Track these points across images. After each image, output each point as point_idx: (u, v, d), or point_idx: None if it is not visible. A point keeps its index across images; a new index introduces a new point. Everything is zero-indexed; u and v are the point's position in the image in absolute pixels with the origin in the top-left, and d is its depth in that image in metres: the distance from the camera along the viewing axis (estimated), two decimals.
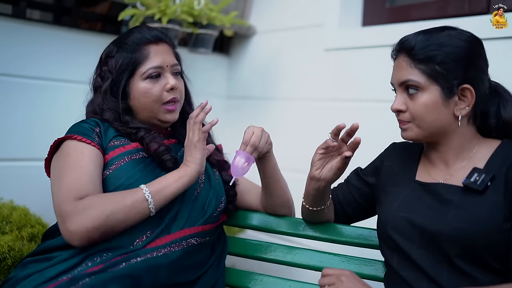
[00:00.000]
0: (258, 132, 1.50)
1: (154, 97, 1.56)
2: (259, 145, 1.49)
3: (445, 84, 1.26)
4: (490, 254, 1.18)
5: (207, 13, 2.41)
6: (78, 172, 1.40)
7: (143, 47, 1.58)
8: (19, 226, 1.78)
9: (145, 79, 1.56)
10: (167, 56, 1.60)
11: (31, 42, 2.19)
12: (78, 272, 1.30)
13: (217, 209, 1.61)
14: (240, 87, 2.98)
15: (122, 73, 1.56)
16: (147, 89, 1.56)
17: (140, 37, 1.59)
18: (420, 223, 1.27)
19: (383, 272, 1.48)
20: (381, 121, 2.13)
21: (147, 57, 1.57)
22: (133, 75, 1.57)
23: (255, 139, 1.48)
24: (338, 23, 2.42)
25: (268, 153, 1.58)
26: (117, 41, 1.63)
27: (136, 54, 1.56)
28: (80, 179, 1.39)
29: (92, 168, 1.42)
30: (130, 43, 1.58)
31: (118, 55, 1.58)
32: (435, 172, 1.36)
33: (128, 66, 1.56)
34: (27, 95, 2.18)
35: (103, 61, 1.62)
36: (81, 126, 1.52)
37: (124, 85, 1.57)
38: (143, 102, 1.57)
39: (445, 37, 1.27)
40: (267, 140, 1.54)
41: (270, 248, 1.69)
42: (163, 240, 1.45)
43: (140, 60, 1.56)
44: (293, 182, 1.75)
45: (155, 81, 1.57)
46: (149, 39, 1.59)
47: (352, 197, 1.56)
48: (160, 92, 1.57)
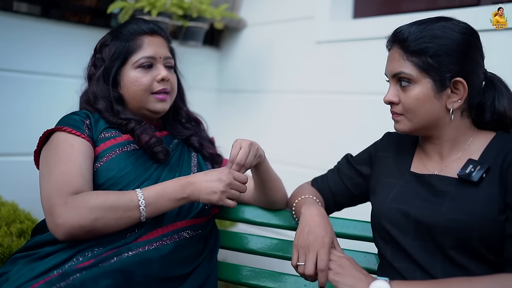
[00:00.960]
0: (246, 148, 1.45)
1: (143, 85, 1.55)
2: (246, 162, 1.45)
3: (437, 77, 1.25)
4: (484, 246, 1.18)
5: (197, 6, 2.39)
6: (67, 166, 1.38)
7: (137, 37, 1.58)
8: (7, 222, 1.76)
9: (136, 68, 1.56)
10: (161, 48, 1.60)
11: (18, 35, 2.16)
12: (69, 267, 1.29)
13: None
14: (231, 80, 2.97)
15: (114, 61, 1.56)
16: (137, 78, 1.55)
17: (136, 27, 1.59)
18: (414, 214, 1.27)
19: (376, 264, 1.48)
20: (374, 113, 2.14)
21: (140, 46, 1.57)
22: (125, 63, 1.57)
23: (241, 156, 1.44)
24: (329, 15, 2.41)
25: (259, 163, 1.55)
26: (113, 31, 1.63)
27: (129, 43, 1.57)
28: (69, 173, 1.37)
29: (82, 161, 1.41)
30: (126, 32, 1.59)
31: (112, 43, 1.58)
32: (430, 163, 1.36)
33: (120, 54, 1.56)
34: (15, 89, 2.15)
35: (97, 50, 1.62)
36: (71, 118, 1.50)
37: (116, 73, 1.56)
38: (132, 90, 1.56)
39: (439, 29, 1.25)
40: (256, 154, 1.49)
41: (262, 241, 1.68)
42: (155, 233, 1.44)
43: (133, 49, 1.56)
44: (285, 176, 1.74)
45: (147, 71, 1.56)
46: (145, 30, 1.59)
47: (344, 186, 1.56)
48: (150, 82, 1.56)
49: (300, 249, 1.32)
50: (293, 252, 1.34)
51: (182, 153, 1.65)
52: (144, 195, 1.38)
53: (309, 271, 1.27)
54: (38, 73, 2.23)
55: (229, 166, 1.44)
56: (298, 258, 1.32)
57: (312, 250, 1.29)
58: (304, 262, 1.29)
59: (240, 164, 1.44)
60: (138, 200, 1.37)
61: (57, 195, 1.33)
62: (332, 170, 1.62)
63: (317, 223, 1.35)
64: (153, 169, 1.52)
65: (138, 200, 1.37)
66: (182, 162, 1.62)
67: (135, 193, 1.38)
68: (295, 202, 1.53)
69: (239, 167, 1.44)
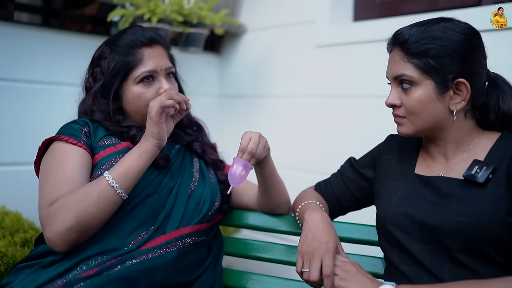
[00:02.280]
0: (256, 138, 1.45)
1: (147, 101, 1.53)
2: (257, 151, 1.44)
3: (439, 78, 1.24)
4: (492, 247, 1.17)
5: (197, 12, 2.39)
6: (59, 176, 1.38)
7: (136, 50, 1.55)
8: (11, 231, 1.76)
9: (138, 83, 1.54)
10: (161, 59, 1.58)
11: (20, 45, 2.16)
12: (73, 277, 1.29)
13: (212, 208, 1.59)
14: (232, 86, 2.96)
15: (114, 76, 1.54)
16: (140, 94, 1.54)
17: (133, 39, 1.56)
18: (420, 217, 1.26)
19: (383, 268, 1.47)
20: (375, 117, 2.13)
21: (140, 61, 1.54)
22: (126, 78, 1.55)
23: (253, 145, 1.43)
24: (329, 19, 2.40)
25: (266, 158, 1.54)
26: (110, 41, 1.60)
27: (129, 58, 1.54)
28: (59, 184, 1.37)
29: (74, 170, 1.40)
30: (123, 45, 1.55)
31: (111, 57, 1.55)
32: (434, 165, 1.35)
33: (121, 70, 1.54)
34: (17, 98, 2.15)
35: (95, 62, 1.60)
36: (69, 126, 1.50)
37: (117, 88, 1.55)
38: (136, 105, 1.55)
39: (440, 30, 1.25)
40: (265, 146, 1.49)
41: (267, 247, 1.68)
42: (158, 240, 1.43)
43: (133, 64, 1.54)
44: (288, 180, 1.74)
45: (149, 85, 1.55)
46: (143, 42, 1.56)
47: (348, 190, 1.55)
48: (154, 96, 1.54)
49: (305, 255, 1.31)
50: (297, 258, 1.33)
51: (184, 159, 1.64)
52: (109, 171, 1.38)
53: (314, 277, 1.26)
54: (41, 82, 2.23)
55: (240, 155, 1.43)
56: (302, 265, 1.31)
57: (317, 256, 1.28)
58: (309, 269, 1.28)
59: (252, 152, 1.43)
60: (104, 177, 1.36)
61: (42, 208, 1.35)
62: (335, 174, 1.61)
63: (321, 228, 1.34)
64: (154, 176, 1.52)
65: (105, 177, 1.36)
66: (184, 168, 1.61)
67: (102, 175, 1.38)
68: (298, 208, 1.53)
69: (250, 156, 1.43)
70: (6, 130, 2.13)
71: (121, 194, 1.37)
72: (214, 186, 1.64)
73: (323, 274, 1.25)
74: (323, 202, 1.55)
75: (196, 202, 1.56)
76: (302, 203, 1.52)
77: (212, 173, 1.68)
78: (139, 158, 1.39)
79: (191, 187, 1.57)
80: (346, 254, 1.34)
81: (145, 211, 1.45)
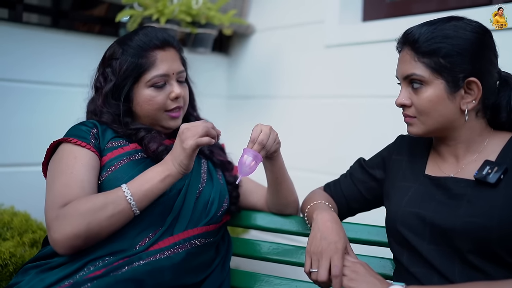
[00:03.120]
0: (267, 130, 1.44)
1: (157, 105, 1.53)
2: (267, 143, 1.43)
3: (450, 78, 1.22)
4: (504, 248, 1.15)
5: (205, 12, 2.39)
6: (68, 178, 1.38)
7: (149, 53, 1.53)
8: (20, 232, 1.77)
9: (149, 87, 1.53)
10: (173, 63, 1.56)
11: (29, 46, 2.17)
12: (80, 277, 1.28)
13: (221, 209, 1.58)
14: (240, 87, 2.96)
15: (126, 78, 1.52)
16: (152, 97, 1.53)
17: (146, 40, 1.53)
18: (430, 218, 1.24)
19: (392, 269, 1.46)
20: (387, 117, 2.11)
21: (153, 64, 1.52)
22: (137, 81, 1.53)
23: (263, 137, 1.42)
24: (338, 19, 2.39)
25: (276, 153, 1.53)
26: (122, 41, 1.57)
27: (142, 60, 1.52)
28: (69, 185, 1.36)
29: (83, 173, 1.40)
30: (136, 46, 1.53)
31: (123, 58, 1.53)
32: (445, 166, 1.33)
33: (133, 72, 1.52)
34: (26, 99, 2.16)
35: (106, 61, 1.58)
36: (78, 128, 1.50)
37: (128, 90, 1.54)
38: (146, 109, 1.54)
39: (451, 28, 1.23)
40: (275, 139, 1.48)
41: (276, 248, 1.67)
42: (166, 242, 1.43)
43: (146, 67, 1.52)
44: (297, 181, 1.73)
45: (160, 89, 1.54)
46: (156, 44, 1.54)
47: (357, 191, 1.53)
48: (164, 100, 1.54)
49: (313, 255, 1.30)
50: (306, 258, 1.32)
51: None
52: (128, 186, 1.36)
53: (322, 277, 1.25)
54: (49, 83, 2.24)
55: (250, 146, 1.42)
56: (311, 265, 1.30)
57: (325, 256, 1.27)
58: (317, 269, 1.27)
59: (262, 143, 1.41)
60: (123, 191, 1.35)
61: (51, 209, 1.34)
62: (345, 174, 1.60)
63: (330, 228, 1.33)
64: None
65: (123, 192, 1.35)
66: (192, 169, 1.60)
67: (120, 187, 1.36)
68: (307, 208, 1.52)
69: (261, 147, 1.42)
70: (15, 131, 2.14)
71: (135, 212, 1.37)
72: (222, 187, 1.63)
73: (332, 274, 1.24)
74: (332, 202, 1.54)
75: (204, 204, 1.55)
76: (311, 204, 1.51)
77: (220, 174, 1.67)
78: (162, 181, 1.38)
79: (199, 189, 1.56)
80: (355, 254, 1.33)
81: (153, 213, 1.45)
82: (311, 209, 1.49)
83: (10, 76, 2.13)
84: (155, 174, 1.38)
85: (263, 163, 1.57)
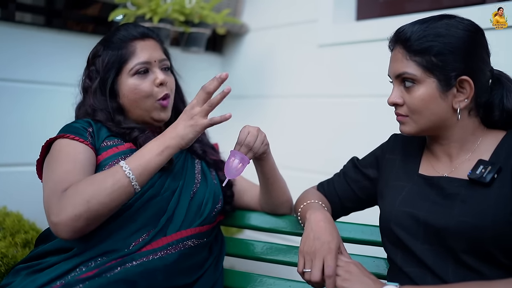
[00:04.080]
0: (254, 132, 1.44)
1: (144, 92, 1.53)
2: (255, 145, 1.43)
3: (442, 76, 1.22)
4: (498, 248, 1.15)
5: (198, 11, 2.38)
6: (70, 165, 1.36)
7: (129, 43, 1.55)
8: (12, 232, 1.75)
9: (133, 75, 1.54)
10: (154, 51, 1.58)
11: (21, 45, 2.16)
12: (72, 278, 1.27)
13: (214, 210, 1.58)
14: (234, 86, 2.93)
15: (109, 71, 1.54)
16: (136, 85, 1.53)
17: (126, 34, 1.57)
18: (424, 218, 1.24)
19: (386, 269, 1.46)
20: (378, 116, 2.11)
21: (133, 53, 1.54)
22: (120, 72, 1.54)
23: (250, 139, 1.42)
24: (332, 18, 2.39)
25: (265, 154, 1.53)
26: (104, 40, 1.61)
27: (122, 51, 1.54)
28: (70, 172, 1.34)
29: (87, 164, 1.39)
30: (116, 40, 1.56)
31: (105, 53, 1.55)
32: (438, 165, 1.33)
33: (114, 64, 1.54)
34: (19, 99, 2.15)
35: (90, 62, 1.60)
36: (72, 126, 1.49)
37: (112, 83, 1.54)
38: (133, 98, 1.54)
39: (443, 27, 1.23)
40: (263, 141, 1.48)
41: (270, 248, 1.66)
42: (159, 242, 1.42)
43: (126, 57, 1.54)
44: (291, 180, 1.73)
45: (144, 76, 1.54)
46: (135, 36, 1.57)
47: (351, 190, 1.53)
48: (150, 87, 1.54)
49: (306, 255, 1.30)
50: (299, 258, 1.32)
51: (185, 160, 1.63)
52: (127, 162, 1.33)
53: (315, 277, 1.25)
54: (42, 82, 2.23)
55: (237, 148, 1.42)
56: (304, 265, 1.29)
57: (319, 256, 1.26)
58: (311, 269, 1.27)
59: (249, 146, 1.42)
60: (121, 167, 1.32)
61: (53, 195, 1.30)
62: (338, 174, 1.60)
63: (323, 228, 1.32)
64: (156, 177, 1.50)
65: (121, 167, 1.32)
66: (186, 169, 1.60)
67: (119, 164, 1.34)
68: (300, 208, 1.51)
69: (248, 149, 1.42)
70: (7, 130, 2.12)
71: (135, 187, 1.32)
72: (216, 187, 1.62)
73: (325, 274, 1.24)
74: (325, 202, 1.53)
75: (199, 204, 1.54)
76: (304, 203, 1.50)
77: (214, 174, 1.67)
78: (160, 153, 1.34)
79: (194, 189, 1.56)
80: (348, 254, 1.32)
81: (147, 213, 1.44)
82: (304, 208, 1.49)
83: (3, 75, 2.12)
84: (153, 147, 1.35)
85: (254, 164, 1.57)
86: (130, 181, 1.31)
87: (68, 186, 1.31)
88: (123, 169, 1.31)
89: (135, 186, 1.32)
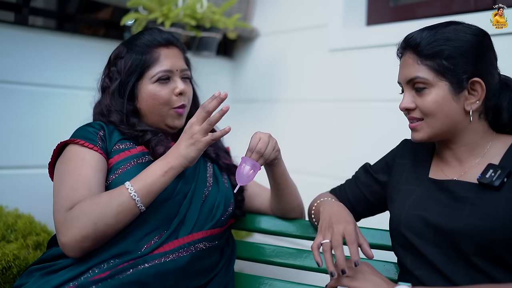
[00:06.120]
0: (265, 138, 1.44)
1: (162, 100, 1.54)
2: (266, 152, 1.44)
3: (454, 79, 1.24)
4: (508, 251, 1.15)
5: (210, 16, 2.40)
6: (75, 180, 1.38)
7: (153, 49, 1.56)
8: (24, 234, 1.77)
9: (154, 82, 1.55)
10: (177, 60, 1.59)
11: (34, 49, 2.18)
12: (85, 279, 1.28)
13: (226, 213, 1.59)
14: (244, 90, 2.96)
15: (130, 75, 1.55)
16: (156, 92, 1.54)
17: (151, 39, 1.57)
18: (434, 221, 1.25)
19: (396, 273, 1.46)
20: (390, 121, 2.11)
21: (157, 60, 1.55)
22: (142, 77, 1.55)
23: (261, 145, 1.42)
24: (342, 23, 2.40)
25: (276, 160, 1.53)
26: (128, 42, 1.62)
27: (146, 56, 1.55)
28: (75, 188, 1.37)
29: (91, 175, 1.40)
30: (141, 44, 1.57)
31: (128, 56, 1.56)
32: (448, 169, 1.33)
33: (137, 68, 1.55)
34: (32, 102, 2.17)
35: (112, 62, 1.61)
36: (85, 130, 1.50)
37: (132, 87, 1.55)
38: (151, 104, 1.55)
39: (451, 32, 1.25)
40: (274, 147, 1.48)
41: (279, 251, 1.67)
42: (171, 245, 1.43)
43: (150, 63, 1.55)
44: (301, 185, 1.73)
45: (164, 84, 1.55)
46: (160, 42, 1.57)
47: (362, 194, 1.54)
48: (169, 95, 1.55)
49: (325, 230, 1.28)
50: (317, 235, 1.29)
51: (197, 163, 1.63)
52: (131, 182, 1.36)
53: (336, 242, 1.22)
54: (54, 86, 2.25)
55: (248, 154, 1.43)
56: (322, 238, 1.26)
57: (339, 225, 1.25)
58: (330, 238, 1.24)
59: (260, 152, 1.42)
60: (127, 189, 1.34)
61: (59, 212, 1.34)
62: (350, 179, 1.61)
63: (340, 212, 1.33)
64: None
65: (127, 189, 1.34)
66: (198, 173, 1.61)
67: (124, 185, 1.36)
68: (314, 206, 1.52)
69: (259, 156, 1.42)
70: (19, 133, 2.14)
71: (141, 208, 1.36)
72: (227, 191, 1.63)
73: (347, 240, 1.22)
74: None
75: (210, 207, 1.55)
76: (318, 201, 1.51)
77: (226, 178, 1.68)
78: (164, 174, 1.37)
79: (205, 192, 1.57)
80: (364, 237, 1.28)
81: (159, 216, 1.45)
82: (318, 205, 1.49)
83: (16, 78, 2.14)
84: (157, 168, 1.38)
85: (265, 170, 1.57)
86: (135, 203, 1.34)
87: (72, 205, 1.34)
88: (128, 191, 1.34)
89: (141, 207, 1.36)
